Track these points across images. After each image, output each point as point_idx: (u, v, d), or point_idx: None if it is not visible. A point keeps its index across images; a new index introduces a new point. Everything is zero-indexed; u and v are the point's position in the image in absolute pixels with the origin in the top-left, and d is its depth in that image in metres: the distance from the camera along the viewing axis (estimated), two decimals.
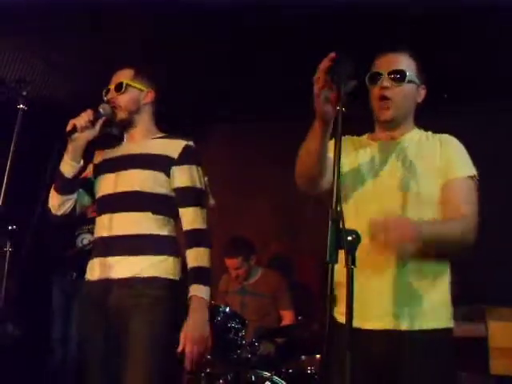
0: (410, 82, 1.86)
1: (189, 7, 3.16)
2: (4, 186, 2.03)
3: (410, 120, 1.94)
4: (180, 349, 2.06)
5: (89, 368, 2.17)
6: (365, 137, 2.00)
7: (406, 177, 1.81)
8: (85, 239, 3.81)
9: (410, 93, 1.88)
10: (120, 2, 3.18)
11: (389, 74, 1.84)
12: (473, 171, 1.84)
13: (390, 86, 1.83)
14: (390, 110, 1.85)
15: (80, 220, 3.67)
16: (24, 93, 2.25)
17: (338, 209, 1.38)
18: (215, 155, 4.86)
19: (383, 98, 1.84)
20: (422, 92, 1.93)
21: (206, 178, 2.37)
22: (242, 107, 4.65)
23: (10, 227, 2.00)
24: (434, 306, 1.75)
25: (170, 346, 2.10)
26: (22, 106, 2.14)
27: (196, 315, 2.08)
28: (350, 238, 1.37)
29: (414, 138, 1.92)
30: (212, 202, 3.24)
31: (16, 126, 2.09)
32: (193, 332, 2.06)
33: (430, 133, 1.95)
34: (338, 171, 1.42)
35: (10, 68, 3.95)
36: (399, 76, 1.84)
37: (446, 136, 1.91)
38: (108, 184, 2.25)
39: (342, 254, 1.38)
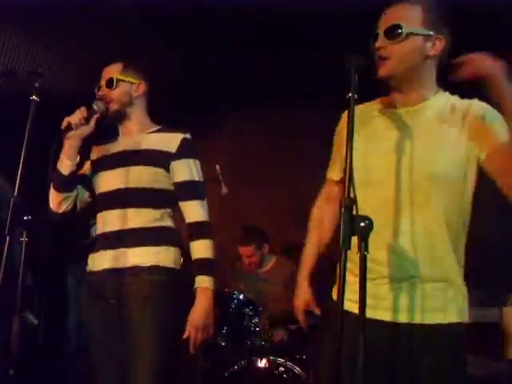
0: (410, 34, 1.64)
1: None
2: (19, 176, 2.04)
3: (425, 80, 1.71)
4: (185, 335, 2.16)
5: (94, 356, 2.24)
6: (377, 102, 1.83)
7: (421, 154, 1.64)
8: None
9: (412, 48, 1.66)
10: None
11: (384, 32, 1.67)
12: None
13: (386, 44, 1.66)
14: (385, 66, 1.66)
15: (94, 211, 3.71)
16: (36, 84, 2.26)
17: (351, 195, 1.38)
18: (228, 144, 4.88)
19: (379, 59, 1.67)
20: (438, 43, 1.67)
21: (218, 167, 2.38)
22: (255, 96, 4.64)
23: (25, 217, 2.01)
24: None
25: (172, 331, 2.19)
26: (34, 97, 2.15)
27: (200, 304, 2.18)
28: (362, 224, 1.38)
29: (436, 107, 1.70)
30: (225, 190, 3.25)
31: (29, 118, 2.10)
32: (197, 320, 2.16)
33: (456, 98, 1.73)
34: (351, 157, 1.41)
35: (22, 61, 3.97)
36: (393, 32, 1.65)
37: (483, 108, 1.65)
38: (108, 181, 2.29)
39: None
